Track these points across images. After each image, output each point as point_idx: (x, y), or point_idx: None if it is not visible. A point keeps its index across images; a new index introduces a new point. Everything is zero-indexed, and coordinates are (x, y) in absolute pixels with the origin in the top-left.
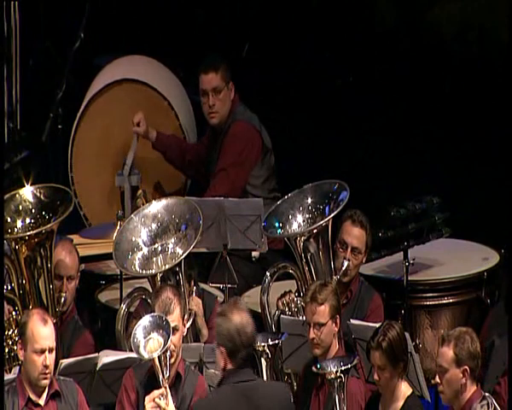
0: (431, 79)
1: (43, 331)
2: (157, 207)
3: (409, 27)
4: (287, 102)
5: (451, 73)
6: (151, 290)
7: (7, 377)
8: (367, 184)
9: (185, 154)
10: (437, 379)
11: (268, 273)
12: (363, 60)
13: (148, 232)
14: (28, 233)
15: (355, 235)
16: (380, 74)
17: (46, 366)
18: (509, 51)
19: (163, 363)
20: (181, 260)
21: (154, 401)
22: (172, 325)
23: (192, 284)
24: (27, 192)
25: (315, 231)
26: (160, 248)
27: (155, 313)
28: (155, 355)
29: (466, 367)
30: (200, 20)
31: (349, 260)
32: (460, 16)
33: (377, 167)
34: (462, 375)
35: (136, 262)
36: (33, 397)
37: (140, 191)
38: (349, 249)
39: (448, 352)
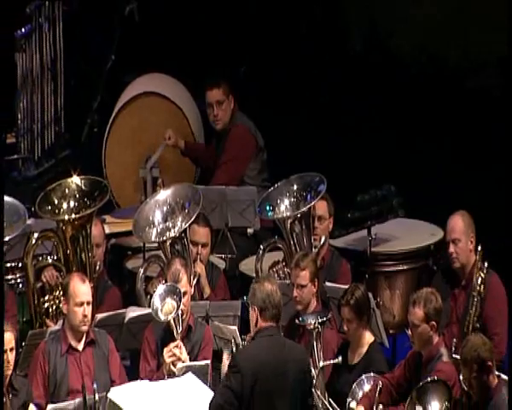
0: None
1: (82, 288)
2: (166, 193)
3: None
4: (279, 105)
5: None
6: (163, 257)
7: (53, 328)
8: (341, 174)
9: (203, 154)
10: (409, 332)
11: (262, 247)
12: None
13: (161, 213)
14: (73, 216)
15: (320, 207)
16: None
17: (85, 316)
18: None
19: (177, 321)
20: (185, 230)
21: (170, 351)
22: (182, 290)
23: (199, 251)
24: (73, 182)
25: (299, 215)
26: (170, 225)
27: (168, 283)
28: (170, 318)
29: (433, 323)
30: (206, 43)
31: (317, 228)
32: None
33: (348, 159)
34: (430, 329)
35: (152, 235)
36: (73, 344)
37: (159, 181)
38: (316, 219)
39: (419, 312)
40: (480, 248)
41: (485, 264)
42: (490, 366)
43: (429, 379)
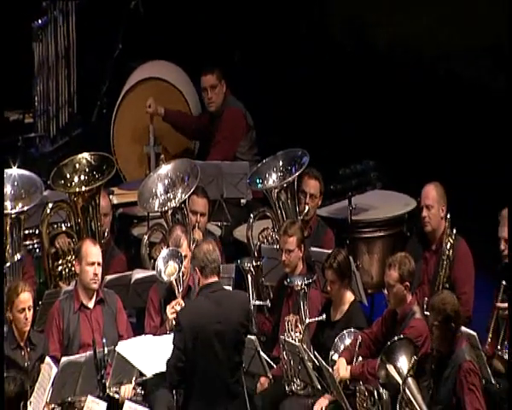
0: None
1: (93, 250)
2: (167, 167)
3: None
4: (268, 88)
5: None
6: (165, 225)
7: (67, 288)
8: (325, 151)
9: (190, 124)
10: (385, 292)
11: (252, 215)
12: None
13: (163, 186)
14: (83, 189)
15: (312, 185)
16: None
17: (96, 274)
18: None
19: (178, 282)
20: (185, 200)
21: (173, 308)
22: (183, 254)
23: (198, 219)
24: (83, 157)
25: (285, 185)
26: (171, 196)
27: (171, 248)
28: (173, 279)
29: (407, 283)
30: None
31: (308, 204)
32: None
33: (331, 137)
34: (404, 289)
35: (155, 206)
36: (85, 302)
37: (162, 156)
38: (308, 196)
39: (394, 273)
40: (449, 216)
41: (454, 230)
42: (452, 326)
43: (396, 338)
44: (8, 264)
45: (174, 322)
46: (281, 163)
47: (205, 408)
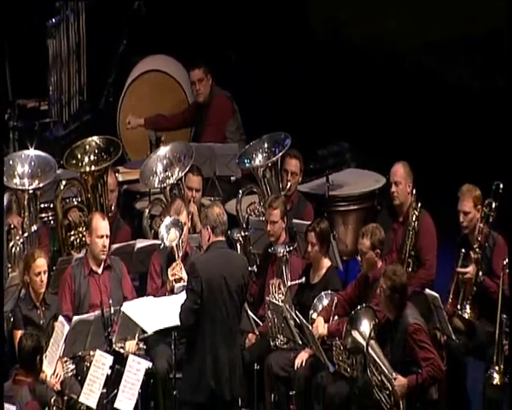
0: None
1: (102, 224)
2: (166, 149)
3: None
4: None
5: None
6: (164, 199)
7: (78, 255)
8: (306, 133)
9: (170, 124)
10: (358, 258)
11: (240, 191)
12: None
13: (162, 165)
14: (93, 168)
15: (293, 164)
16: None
17: (104, 246)
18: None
19: (178, 247)
20: (181, 178)
21: (174, 269)
22: (183, 221)
23: (193, 194)
24: (93, 140)
25: (269, 164)
26: (169, 174)
27: (172, 217)
28: (174, 244)
29: (378, 251)
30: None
31: (290, 181)
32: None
33: (311, 122)
34: (375, 256)
35: (155, 182)
36: (94, 268)
37: (163, 138)
38: (290, 174)
39: (366, 242)
40: (414, 191)
41: (419, 204)
42: (397, 296)
43: (359, 307)
44: (26, 234)
45: (174, 283)
46: (266, 145)
47: (210, 350)
